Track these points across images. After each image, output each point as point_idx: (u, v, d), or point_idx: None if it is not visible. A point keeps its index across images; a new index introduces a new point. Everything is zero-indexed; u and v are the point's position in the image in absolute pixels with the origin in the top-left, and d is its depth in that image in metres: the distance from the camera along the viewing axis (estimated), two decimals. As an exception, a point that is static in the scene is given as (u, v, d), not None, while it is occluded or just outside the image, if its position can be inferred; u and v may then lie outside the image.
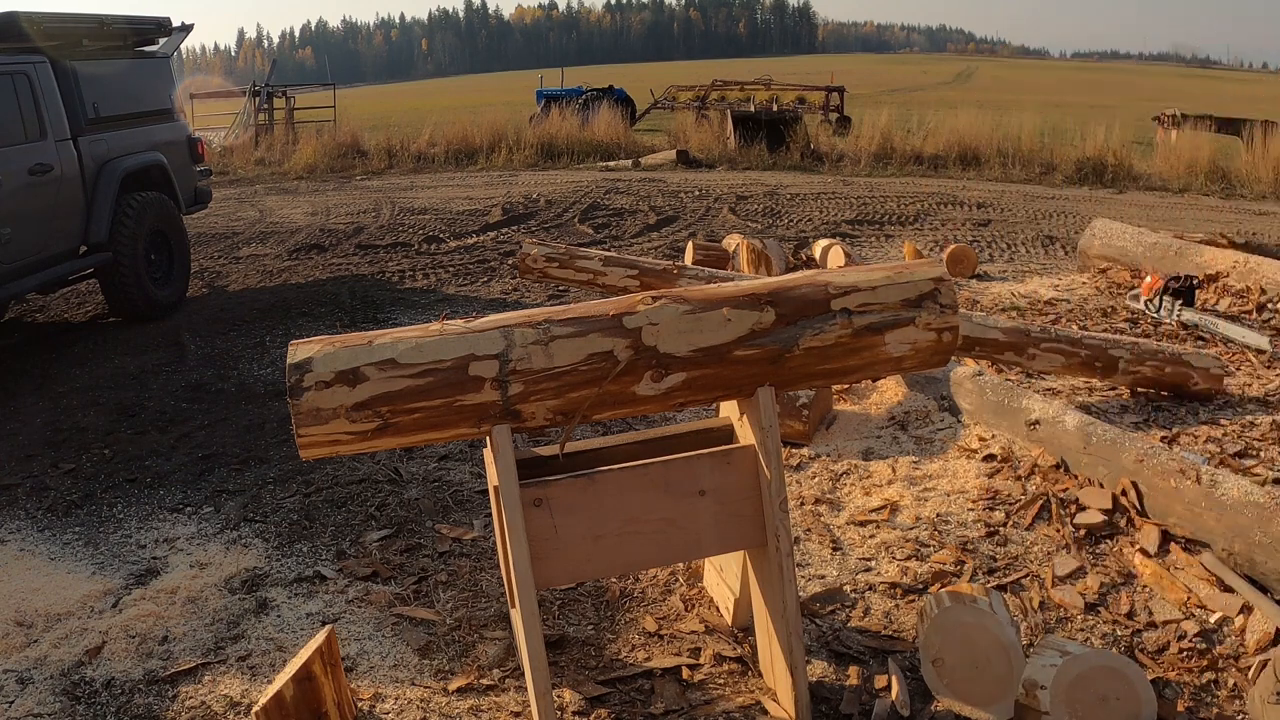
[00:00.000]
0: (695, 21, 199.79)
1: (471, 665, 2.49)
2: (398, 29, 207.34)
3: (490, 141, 15.07)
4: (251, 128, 17.35)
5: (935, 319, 2.17)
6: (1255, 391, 4.16)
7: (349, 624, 2.71)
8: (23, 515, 3.50)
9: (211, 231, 9.38)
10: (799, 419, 3.80)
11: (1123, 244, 6.37)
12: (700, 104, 18.79)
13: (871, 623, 2.62)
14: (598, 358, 2.03)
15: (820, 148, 13.81)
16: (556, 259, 5.14)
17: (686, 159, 13.43)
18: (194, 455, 4.01)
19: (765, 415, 2.13)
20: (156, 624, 2.75)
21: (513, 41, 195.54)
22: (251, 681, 2.47)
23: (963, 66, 70.89)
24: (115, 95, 6.06)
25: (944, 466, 3.54)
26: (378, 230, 9.10)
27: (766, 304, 2.11)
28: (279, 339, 5.62)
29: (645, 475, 2.15)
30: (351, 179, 13.37)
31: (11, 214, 5.07)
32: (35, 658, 2.61)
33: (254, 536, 3.27)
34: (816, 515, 3.23)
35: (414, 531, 3.25)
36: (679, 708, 2.28)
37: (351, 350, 1.97)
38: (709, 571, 2.77)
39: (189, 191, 6.81)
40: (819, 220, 8.93)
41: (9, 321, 6.39)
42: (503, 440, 2.02)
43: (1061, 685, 2.04)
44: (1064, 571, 2.75)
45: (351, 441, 1.98)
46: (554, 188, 11.39)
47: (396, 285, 6.91)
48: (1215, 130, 12.76)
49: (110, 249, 5.80)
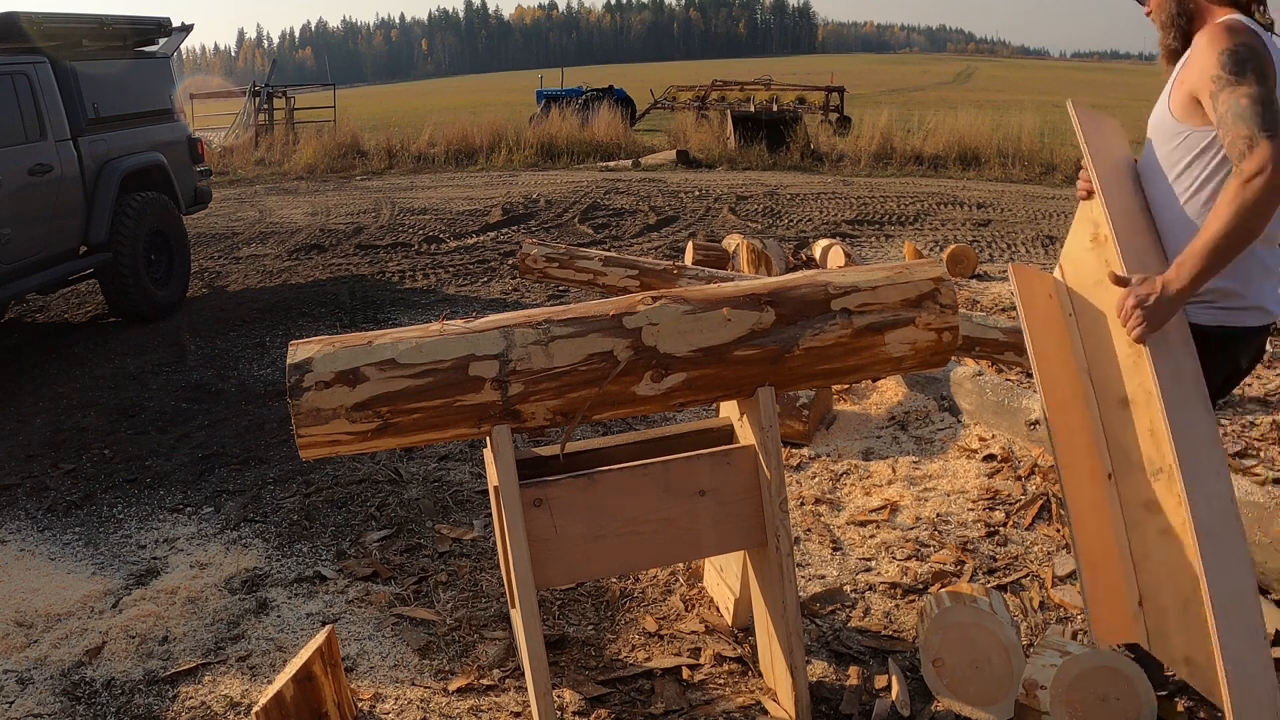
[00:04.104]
0: (695, 21, 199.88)
1: (471, 665, 2.49)
2: (398, 29, 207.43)
3: (490, 142, 15.09)
4: (251, 128, 17.36)
5: (935, 319, 2.17)
6: (1255, 391, 4.16)
7: (349, 624, 2.71)
8: (23, 515, 3.51)
9: (211, 231, 9.38)
10: (799, 419, 3.80)
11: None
12: (700, 104, 18.79)
13: (871, 623, 2.62)
14: (598, 358, 2.03)
15: (820, 148, 13.81)
16: (556, 259, 5.14)
17: (686, 159, 13.43)
18: (194, 455, 4.01)
19: (765, 415, 2.13)
20: (156, 624, 2.75)
21: (513, 41, 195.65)
22: (251, 682, 2.47)
23: (962, 66, 70.92)
24: (115, 95, 6.06)
25: (944, 466, 3.54)
26: (378, 230, 9.10)
27: (766, 304, 2.11)
28: (279, 339, 5.62)
29: (645, 475, 2.15)
30: (351, 179, 13.38)
31: (11, 214, 5.08)
32: (35, 658, 2.61)
33: (254, 536, 3.27)
34: (816, 515, 3.23)
35: (414, 531, 3.25)
36: (679, 708, 2.28)
37: (351, 350, 1.97)
38: (709, 571, 2.77)
39: (189, 191, 6.81)
40: (819, 220, 8.93)
41: (9, 321, 6.40)
42: (503, 440, 2.02)
43: (1061, 685, 2.04)
44: (1064, 571, 2.75)
45: (351, 442, 1.99)
46: (554, 188, 11.40)
47: (396, 285, 6.91)
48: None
49: (110, 249, 5.80)
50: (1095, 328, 2.15)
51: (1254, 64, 1.87)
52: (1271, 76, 1.87)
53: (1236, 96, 1.85)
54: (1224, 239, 1.83)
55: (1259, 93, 1.84)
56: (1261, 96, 1.83)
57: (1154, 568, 2.01)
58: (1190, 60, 1.98)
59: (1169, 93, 2.06)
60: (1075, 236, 2.25)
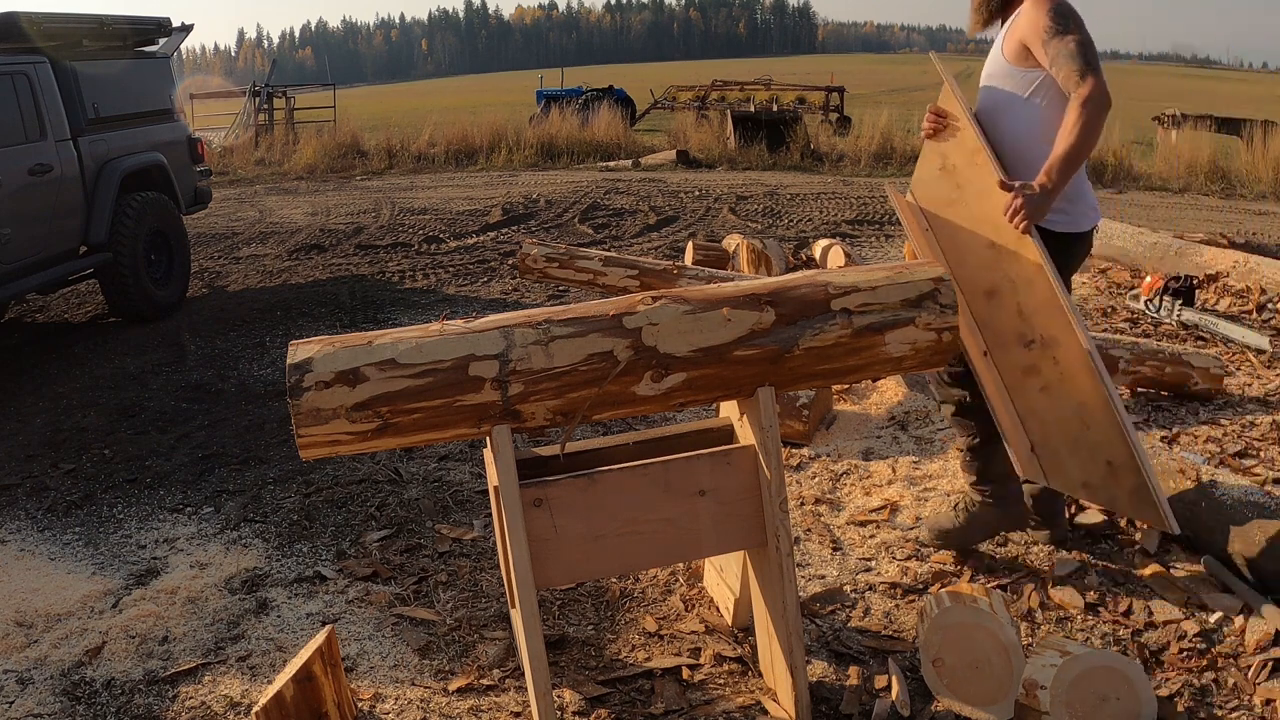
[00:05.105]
0: (695, 21, 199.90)
1: (471, 665, 2.49)
2: (398, 29, 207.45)
3: (490, 142, 15.08)
4: (251, 128, 17.36)
5: (935, 319, 2.17)
6: (1255, 391, 4.16)
7: (349, 624, 2.71)
8: (23, 515, 3.50)
9: (211, 231, 9.38)
10: (799, 419, 3.80)
11: (1123, 244, 6.37)
12: (700, 104, 18.79)
13: (871, 623, 2.62)
14: (598, 358, 2.03)
15: (820, 148, 13.81)
16: (556, 259, 5.14)
17: (686, 159, 13.43)
18: (194, 455, 4.01)
19: (765, 415, 2.13)
20: (156, 624, 2.75)
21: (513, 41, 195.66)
22: (251, 682, 2.47)
23: (963, 66, 70.84)
24: (115, 95, 6.06)
25: (944, 466, 3.54)
26: (378, 230, 9.10)
27: (766, 304, 2.11)
28: (279, 339, 5.62)
29: (645, 475, 2.15)
30: (351, 179, 13.38)
31: (11, 214, 5.08)
32: (35, 658, 2.61)
33: (254, 536, 3.27)
34: (816, 515, 3.23)
35: (414, 531, 3.25)
36: (679, 708, 2.28)
37: (351, 350, 1.97)
38: (709, 571, 2.77)
39: (189, 191, 6.81)
40: (819, 220, 8.93)
41: (9, 321, 6.40)
42: (503, 440, 2.02)
43: (1061, 685, 2.04)
44: (1064, 571, 2.75)
45: (351, 442, 1.99)
46: (554, 188, 11.40)
47: (396, 285, 6.91)
48: (1215, 130, 12.76)
49: (110, 249, 5.80)
50: (955, 237, 2.69)
51: (1074, 18, 2.44)
52: (1084, 27, 2.44)
53: (1065, 42, 2.40)
54: (1076, 149, 2.35)
55: (1082, 37, 2.40)
56: (1084, 40, 2.40)
57: (1040, 418, 2.53)
58: (1020, 18, 2.54)
59: (1000, 47, 2.64)
60: (924, 166, 2.80)
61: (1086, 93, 2.33)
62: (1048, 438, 2.54)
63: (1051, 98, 2.51)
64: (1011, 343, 2.55)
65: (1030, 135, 2.55)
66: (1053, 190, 2.38)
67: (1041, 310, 2.46)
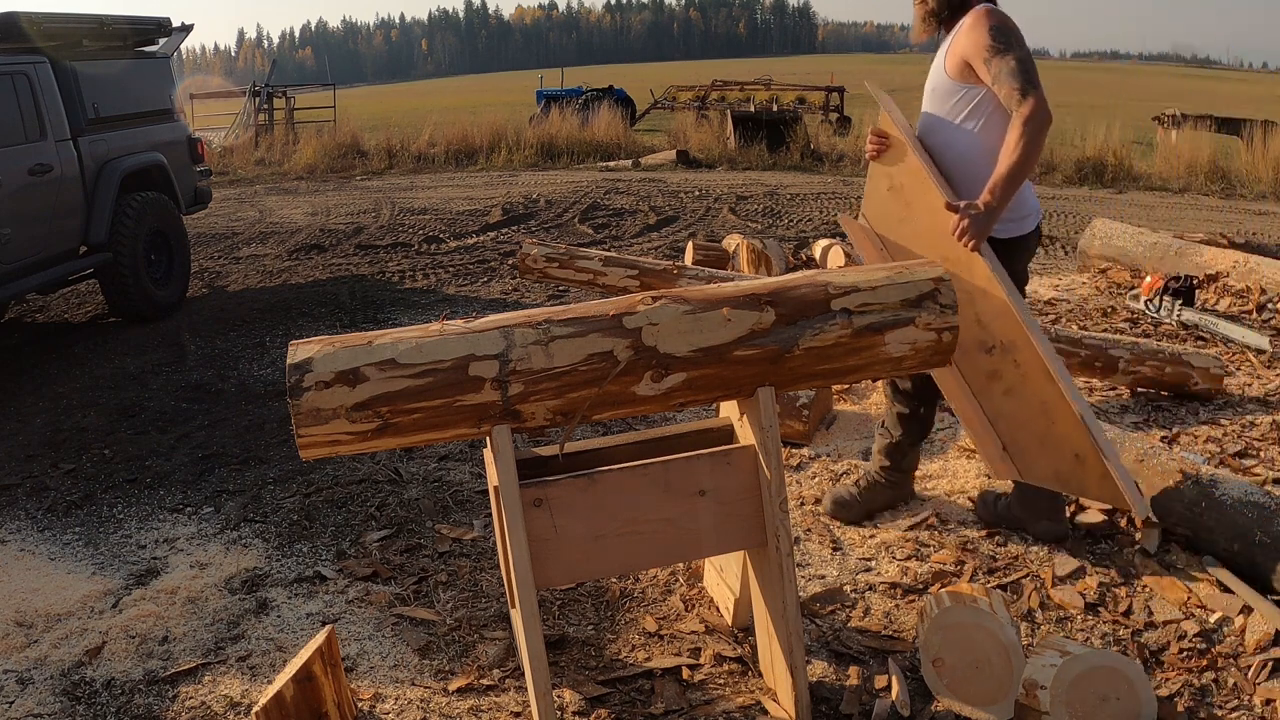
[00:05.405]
0: (695, 21, 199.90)
1: (471, 665, 2.49)
2: (398, 29, 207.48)
3: (490, 142, 15.08)
4: (251, 128, 17.36)
5: (935, 319, 2.17)
6: (1255, 391, 4.16)
7: (349, 624, 2.71)
8: (23, 515, 3.50)
9: (211, 231, 9.38)
10: (799, 419, 3.80)
11: (1123, 244, 6.37)
12: (700, 104, 18.79)
13: (871, 623, 2.62)
14: (598, 358, 2.03)
15: (820, 148, 13.81)
16: (556, 259, 5.14)
17: (686, 159, 13.43)
18: (194, 455, 4.01)
19: (765, 415, 2.13)
20: (156, 624, 2.75)
21: (513, 42, 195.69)
22: (251, 682, 2.47)
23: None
24: (115, 95, 6.06)
25: (944, 466, 3.54)
26: (378, 230, 9.10)
27: (766, 304, 2.11)
28: (279, 339, 5.62)
29: (645, 475, 2.15)
30: (351, 179, 13.38)
31: (11, 214, 5.08)
32: (35, 658, 2.61)
33: (254, 536, 3.27)
34: (816, 515, 3.23)
35: (414, 531, 3.25)
36: (679, 708, 2.28)
37: (351, 350, 1.97)
38: (709, 571, 2.77)
39: (189, 191, 6.81)
40: (819, 220, 8.93)
41: (9, 321, 6.40)
42: (503, 440, 2.02)
43: (1061, 685, 2.04)
44: (1064, 571, 2.75)
45: (351, 442, 1.99)
46: (554, 188, 11.40)
47: (396, 285, 6.91)
48: (1215, 130, 12.76)
49: (110, 249, 5.79)
50: (909, 255, 2.71)
51: (1014, 36, 2.50)
52: (1024, 44, 2.50)
53: (1006, 60, 2.46)
54: (1019, 165, 2.42)
55: (1022, 54, 2.46)
56: (1025, 58, 2.46)
57: (1008, 420, 2.63)
58: (960, 36, 2.60)
59: (941, 64, 2.69)
60: (873, 188, 2.88)
61: (1028, 112, 2.39)
62: (1016, 437, 2.62)
63: (991, 113, 2.59)
64: (974, 350, 2.64)
65: (972, 151, 2.63)
66: (997, 208, 2.45)
67: (999, 317, 2.53)
